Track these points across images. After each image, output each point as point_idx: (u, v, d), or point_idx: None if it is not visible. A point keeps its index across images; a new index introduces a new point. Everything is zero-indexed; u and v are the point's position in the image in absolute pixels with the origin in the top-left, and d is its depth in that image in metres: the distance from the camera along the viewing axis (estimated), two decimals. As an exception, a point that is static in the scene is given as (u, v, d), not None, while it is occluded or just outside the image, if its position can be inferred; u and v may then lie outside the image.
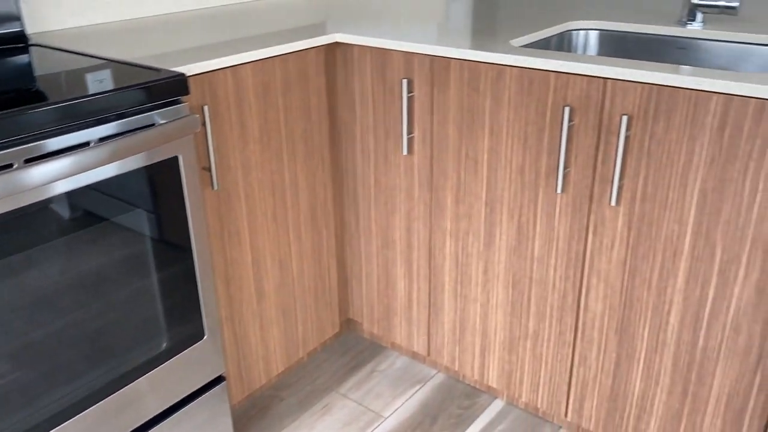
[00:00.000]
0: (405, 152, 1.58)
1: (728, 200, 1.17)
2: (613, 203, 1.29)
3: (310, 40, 1.51)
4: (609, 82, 1.23)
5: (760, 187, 1.13)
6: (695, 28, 1.54)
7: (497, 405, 1.75)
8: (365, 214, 1.75)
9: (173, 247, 1.28)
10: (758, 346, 1.23)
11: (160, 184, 1.22)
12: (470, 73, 1.41)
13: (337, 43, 1.61)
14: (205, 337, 1.39)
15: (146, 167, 1.19)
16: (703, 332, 1.28)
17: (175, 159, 1.22)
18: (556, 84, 1.30)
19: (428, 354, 1.80)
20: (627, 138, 1.25)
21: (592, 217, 1.35)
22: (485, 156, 1.46)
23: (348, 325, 2.04)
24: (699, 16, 1.55)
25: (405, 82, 1.50)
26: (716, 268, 1.23)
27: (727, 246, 1.20)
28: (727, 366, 1.28)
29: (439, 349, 1.76)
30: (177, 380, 1.35)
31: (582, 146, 1.31)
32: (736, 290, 1.22)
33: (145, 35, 1.57)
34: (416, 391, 1.81)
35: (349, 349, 1.97)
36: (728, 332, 1.25)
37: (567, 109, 1.28)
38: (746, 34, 1.47)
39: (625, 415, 1.47)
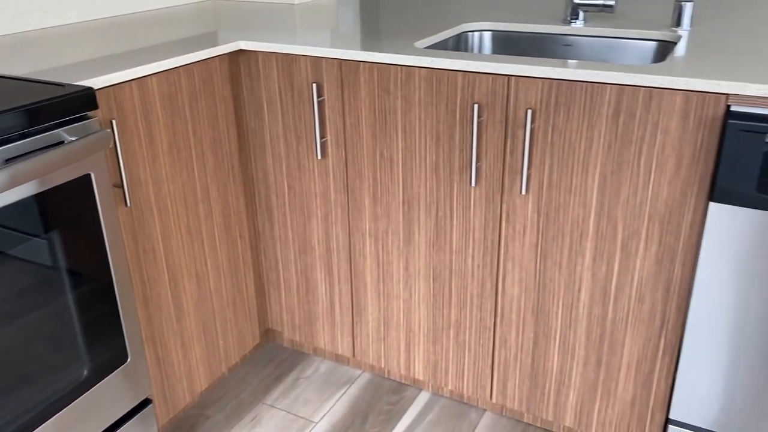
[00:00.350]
0: (319, 156, 1.59)
1: (626, 182, 1.29)
2: (523, 192, 1.37)
3: (213, 48, 1.49)
4: (513, 78, 1.31)
5: (653, 167, 1.25)
6: (578, 26, 1.67)
7: (424, 396, 1.80)
8: (281, 221, 1.74)
9: (90, 270, 1.22)
10: (661, 312, 1.35)
11: (73, 203, 1.16)
12: (380, 75, 1.45)
13: (241, 51, 1.60)
14: (129, 360, 1.33)
15: (57, 187, 1.12)
16: (611, 305, 1.40)
17: (88, 177, 1.17)
18: (464, 83, 1.36)
19: (353, 355, 1.82)
20: (532, 130, 1.33)
21: (505, 206, 1.42)
22: (400, 155, 1.50)
23: (268, 335, 2.02)
24: (581, 14, 1.68)
25: (314, 86, 1.51)
26: (619, 244, 1.34)
27: (627, 223, 1.31)
28: (635, 334, 1.39)
29: (365, 349, 1.79)
30: (103, 406, 1.28)
31: (491, 140, 1.38)
32: (638, 263, 1.33)
33: (32, 49, 1.48)
34: (344, 393, 1.82)
35: (271, 359, 1.95)
36: (633, 303, 1.37)
37: (476, 106, 1.35)
38: (623, 29, 1.61)
39: (546, 390, 1.56)
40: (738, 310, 1.25)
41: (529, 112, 1.30)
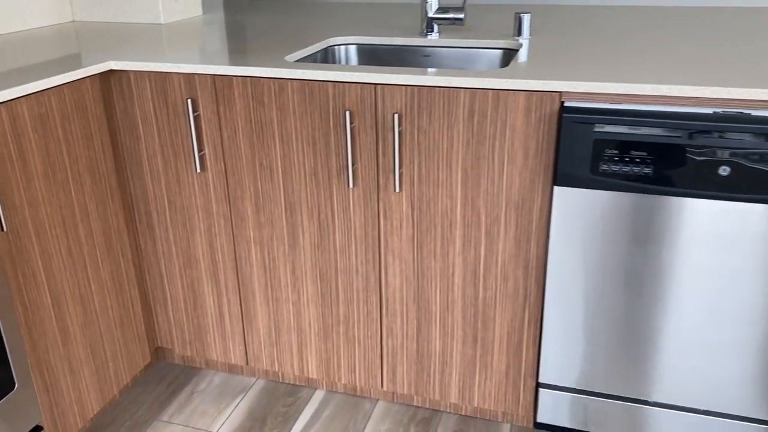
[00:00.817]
0: (198, 170, 1.63)
1: (484, 174, 1.44)
2: (397, 190, 1.50)
3: (83, 69, 1.49)
4: (379, 87, 1.43)
5: (505, 160, 1.42)
6: (434, 38, 1.83)
7: (319, 394, 1.87)
8: (163, 237, 1.76)
9: (-31, 297, 1.19)
10: (523, 287, 1.52)
11: (-55, 230, 1.13)
12: (254, 88, 1.52)
13: (111, 71, 1.60)
14: (16, 387, 1.30)
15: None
16: (481, 285, 1.55)
17: (-38, 201, 1.15)
18: (335, 92, 1.47)
19: (247, 363, 1.86)
20: (400, 133, 1.46)
21: (381, 204, 1.54)
22: (279, 163, 1.57)
23: (159, 353, 2.01)
24: (435, 27, 1.84)
25: (189, 102, 1.56)
26: (483, 230, 1.50)
27: (488, 211, 1.47)
28: (503, 309, 1.56)
29: (258, 355, 1.83)
30: (-9, 439, 1.25)
31: (364, 144, 1.49)
32: (500, 245, 1.50)
33: None
34: (240, 401, 1.85)
35: (163, 377, 1.94)
36: (500, 281, 1.53)
37: (347, 113, 1.46)
38: (473, 40, 1.79)
39: (431, 371, 1.69)
40: (587, 279, 1.45)
41: (396, 116, 1.43)
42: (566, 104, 1.34)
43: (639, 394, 1.53)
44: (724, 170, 1.27)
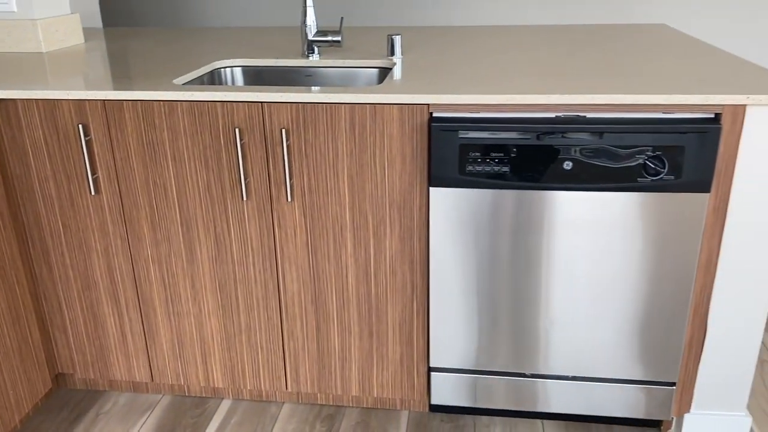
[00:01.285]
0: (92, 192, 1.67)
1: (368, 180, 1.59)
2: (289, 200, 1.61)
3: (-32, 98, 1.50)
4: (266, 105, 1.55)
5: (386, 165, 1.57)
6: (315, 59, 1.97)
7: (226, 404, 1.94)
8: (59, 262, 1.77)
9: None
10: (410, 281, 1.68)
11: None
12: (144, 110, 1.59)
13: (-4, 99, 1.62)
14: None
15: None
16: (373, 283, 1.69)
17: None
18: (224, 111, 1.57)
19: (152, 379, 1.89)
20: (288, 146, 1.58)
21: (275, 214, 1.65)
22: (173, 181, 1.65)
23: (60, 379, 1.99)
24: (316, 49, 1.98)
25: (80, 127, 1.60)
26: (371, 231, 1.64)
27: (375, 213, 1.62)
28: (394, 302, 1.70)
29: (162, 371, 1.88)
30: None
31: (255, 159, 1.60)
32: (387, 244, 1.65)
33: None
34: (147, 418, 1.88)
35: (66, 402, 1.94)
36: (389, 277, 1.68)
37: (237, 131, 1.56)
38: (351, 60, 1.95)
39: (332, 368, 1.81)
40: (465, 268, 1.62)
41: (284, 131, 1.55)
42: (434, 115, 1.52)
43: (521, 368, 1.72)
44: (567, 165, 1.48)
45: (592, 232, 1.54)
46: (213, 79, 1.93)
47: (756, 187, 1.48)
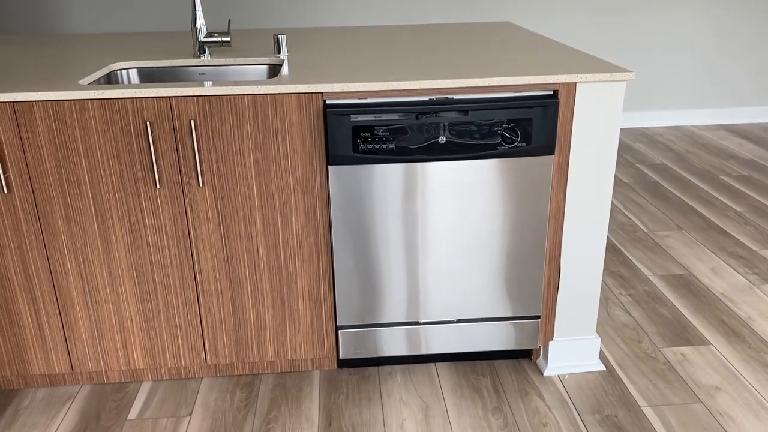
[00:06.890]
0: (4, 191, 1.73)
1: (272, 163, 1.79)
2: (200, 185, 1.78)
3: None
4: (173, 99, 1.70)
5: (288, 149, 1.78)
6: (207, 59, 2.13)
7: (147, 385, 2.06)
8: (-31, 263, 1.81)
9: None
10: (315, 251, 1.90)
11: None
12: (55, 111, 1.68)
13: None
14: None
15: None
16: (282, 255, 1.89)
17: None
18: (133, 107, 1.70)
19: (72, 369, 1.97)
20: (197, 136, 1.74)
21: (187, 199, 1.81)
22: (86, 176, 1.75)
23: (-32, 384, 2.01)
24: (207, 50, 2.14)
25: (-11, 129, 1.67)
26: (278, 209, 1.84)
27: (281, 193, 1.82)
28: (303, 272, 1.92)
29: (82, 359, 1.96)
30: None
31: (166, 149, 1.75)
32: (293, 220, 1.86)
33: None
34: (70, 406, 1.96)
35: (-18, 402, 1.96)
36: (296, 249, 1.89)
37: (147, 124, 1.70)
38: (242, 58, 2.13)
39: (249, 338, 1.99)
40: (363, 235, 1.87)
41: (192, 122, 1.71)
42: (328, 102, 1.75)
43: (413, 317, 2.00)
44: (442, 140, 1.78)
45: (463, 194, 1.85)
46: (110, 80, 2.04)
47: (589, 148, 1.85)
